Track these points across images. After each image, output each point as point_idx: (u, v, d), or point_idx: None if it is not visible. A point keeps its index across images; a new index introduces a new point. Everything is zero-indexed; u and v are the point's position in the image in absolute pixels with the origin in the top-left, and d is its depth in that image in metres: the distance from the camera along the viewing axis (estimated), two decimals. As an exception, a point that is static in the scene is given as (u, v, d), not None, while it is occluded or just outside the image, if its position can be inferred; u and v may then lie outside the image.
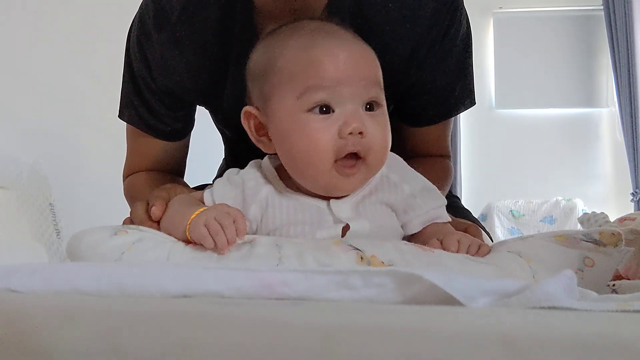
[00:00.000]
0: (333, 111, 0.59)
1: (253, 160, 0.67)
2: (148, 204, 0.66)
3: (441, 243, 0.59)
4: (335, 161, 0.59)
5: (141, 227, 0.60)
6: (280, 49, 0.62)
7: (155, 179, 0.88)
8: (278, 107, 0.61)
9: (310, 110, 0.59)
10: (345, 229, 0.61)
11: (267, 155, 0.67)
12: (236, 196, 0.63)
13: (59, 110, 1.76)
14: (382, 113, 0.62)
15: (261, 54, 0.65)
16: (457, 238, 0.59)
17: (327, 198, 0.63)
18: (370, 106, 0.61)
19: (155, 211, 0.63)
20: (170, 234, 0.60)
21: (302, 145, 0.59)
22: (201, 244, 0.55)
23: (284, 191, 0.63)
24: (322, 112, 0.59)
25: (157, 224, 0.63)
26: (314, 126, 0.59)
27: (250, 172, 0.65)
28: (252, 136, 0.66)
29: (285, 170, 0.64)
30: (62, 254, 1.43)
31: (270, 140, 0.64)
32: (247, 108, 0.65)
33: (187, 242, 0.57)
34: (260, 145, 0.66)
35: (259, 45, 0.67)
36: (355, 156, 0.59)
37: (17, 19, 1.63)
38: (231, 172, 0.68)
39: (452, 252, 0.58)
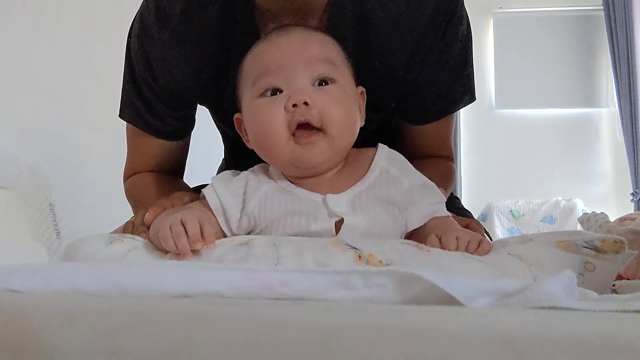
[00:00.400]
0: (282, 92, 0.64)
1: (259, 164, 0.70)
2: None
3: (440, 240, 0.59)
4: (293, 135, 0.63)
5: (137, 237, 0.61)
6: (249, 52, 0.69)
7: (157, 181, 0.88)
8: (243, 103, 0.69)
9: (261, 95, 0.65)
10: (340, 223, 0.61)
11: None
12: (239, 187, 0.65)
13: (59, 110, 1.76)
14: (338, 87, 0.65)
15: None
16: (456, 235, 0.59)
17: (324, 193, 0.63)
18: (322, 82, 0.64)
19: (147, 217, 0.64)
20: (152, 242, 0.60)
21: (259, 127, 0.65)
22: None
23: (285, 187, 0.65)
24: (273, 94, 0.64)
25: None
26: (265, 107, 0.64)
27: (254, 172, 0.68)
28: (244, 139, 0.71)
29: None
30: (62, 254, 1.43)
31: None
32: (235, 115, 0.72)
33: None
34: (248, 145, 0.70)
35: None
36: (311, 127, 0.62)
37: (17, 19, 1.63)
38: (228, 174, 0.69)
39: (450, 249, 0.58)
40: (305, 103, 0.61)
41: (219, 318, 0.30)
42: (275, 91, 0.64)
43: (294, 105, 0.62)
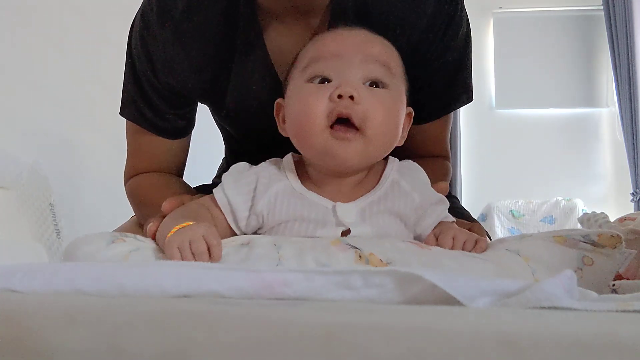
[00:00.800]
0: (330, 82, 0.62)
1: (272, 159, 0.69)
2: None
3: (437, 239, 0.60)
4: (332, 126, 0.61)
5: (138, 237, 0.60)
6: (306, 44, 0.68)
7: (160, 181, 0.87)
8: (289, 86, 0.67)
9: (310, 80, 0.63)
10: (347, 232, 0.61)
11: (290, 153, 0.69)
12: (248, 192, 0.64)
13: (59, 110, 1.76)
14: (387, 93, 0.63)
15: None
16: (452, 234, 0.60)
17: (334, 199, 0.63)
18: (374, 84, 0.63)
19: (165, 206, 0.65)
20: (160, 247, 0.59)
21: (298, 110, 0.63)
22: None
23: (297, 188, 0.64)
24: (321, 82, 0.63)
25: None
26: (309, 92, 0.62)
27: (266, 169, 0.66)
28: (278, 125, 0.70)
29: (303, 167, 0.66)
30: (62, 254, 1.43)
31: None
32: (277, 100, 0.70)
33: None
34: (282, 132, 0.69)
35: None
36: (351, 125, 0.61)
37: (16, 20, 1.63)
38: (241, 167, 0.68)
39: (447, 247, 0.58)
40: (352, 97, 0.60)
41: (219, 318, 0.30)
42: (324, 80, 0.63)
43: (340, 97, 0.60)
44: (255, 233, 0.64)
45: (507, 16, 3.82)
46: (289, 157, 0.68)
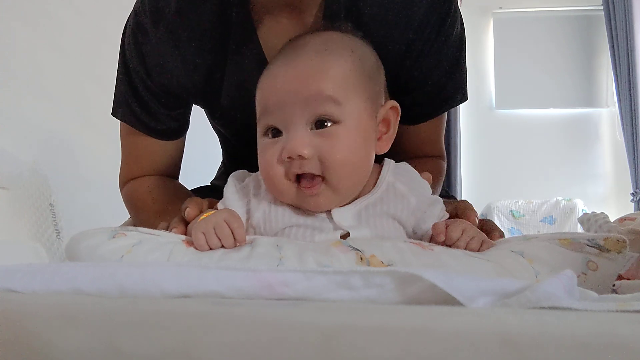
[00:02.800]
0: (282, 134, 0.61)
1: None
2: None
3: (446, 227, 0.59)
4: (298, 181, 0.60)
5: (140, 229, 0.59)
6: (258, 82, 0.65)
7: (159, 185, 0.86)
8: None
9: (264, 134, 0.63)
10: (346, 235, 0.61)
11: None
12: (244, 205, 0.64)
13: (59, 110, 1.76)
14: (340, 129, 0.59)
15: None
16: (462, 228, 0.58)
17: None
18: (321, 123, 0.59)
19: (189, 212, 0.64)
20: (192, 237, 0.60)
21: (261, 168, 0.62)
22: None
23: None
24: (274, 135, 0.61)
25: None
26: (265, 150, 0.62)
27: (256, 180, 0.66)
28: None
29: None
30: (62, 254, 1.43)
31: None
32: None
33: (189, 243, 0.57)
34: None
35: None
36: (313, 175, 0.59)
37: (16, 19, 1.63)
38: (237, 176, 0.68)
39: (453, 238, 0.58)
40: (301, 156, 0.58)
41: (218, 318, 0.30)
42: (276, 132, 0.61)
43: (290, 157, 0.59)
44: None
45: (507, 16, 3.82)
46: None
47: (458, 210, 0.67)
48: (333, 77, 0.60)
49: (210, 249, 0.55)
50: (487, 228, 0.67)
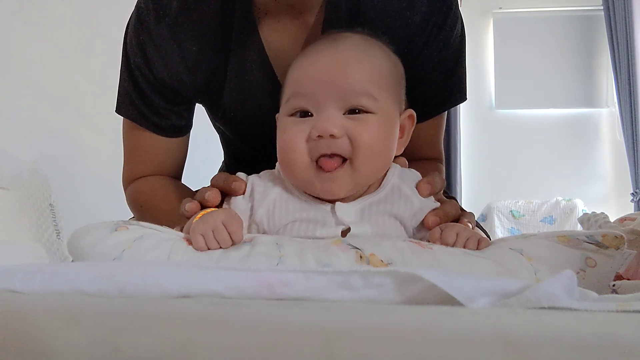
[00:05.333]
0: (311, 116, 0.61)
1: (265, 171, 0.69)
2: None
3: (441, 233, 0.60)
4: (316, 161, 0.60)
5: (142, 223, 0.59)
6: (292, 64, 0.66)
7: (163, 185, 0.86)
8: (279, 112, 0.67)
9: (291, 114, 0.63)
10: (347, 232, 0.61)
11: None
12: (247, 204, 0.64)
13: (58, 110, 1.76)
14: (373, 118, 0.61)
15: None
16: (457, 231, 0.60)
17: (333, 202, 0.63)
18: (354, 111, 0.61)
19: (189, 207, 0.63)
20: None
21: (282, 146, 0.63)
22: None
23: (293, 190, 0.64)
24: (302, 116, 0.62)
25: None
26: (290, 128, 0.62)
27: (260, 179, 0.67)
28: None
29: None
30: (62, 254, 1.43)
31: None
32: (277, 115, 0.69)
33: (189, 241, 0.57)
34: None
35: None
36: (339, 157, 0.60)
37: (17, 18, 1.63)
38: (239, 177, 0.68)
39: (448, 243, 0.58)
40: (332, 135, 0.59)
41: (219, 318, 0.30)
42: (305, 113, 0.62)
43: (319, 136, 0.59)
44: None
45: (507, 16, 3.82)
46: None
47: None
48: (373, 73, 0.63)
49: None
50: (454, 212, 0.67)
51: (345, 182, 0.61)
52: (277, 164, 0.68)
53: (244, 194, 0.65)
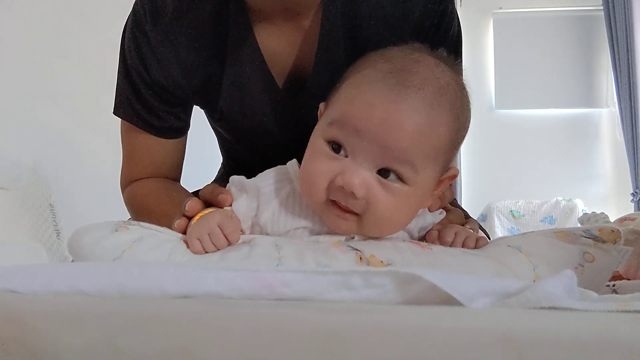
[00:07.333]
0: (347, 156, 0.57)
1: (273, 167, 0.67)
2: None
3: (439, 233, 0.61)
4: (332, 199, 0.57)
5: (142, 223, 0.60)
6: (359, 70, 0.60)
7: (161, 187, 0.85)
8: (319, 122, 0.62)
9: (328, 141, 0.58)
10: (351, 237, 0.61)
11: (294, 160, 0.67)
12: (250, 203, 0.63)
13: (59, 111, 1.76)
14: (401, 191, 0.56)
15: (356, 63, 0.63)
16: (455, 231, 0.60)
17: None
18: (388, 173, 0.56)
19: (189, 206, 0.62)
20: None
21: (306, 170, 0.59)
22: None
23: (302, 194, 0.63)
24: (334, 149, 0.57)
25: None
26: (320, 161, 0.58)
27: (267, 178, 0.65)
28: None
29: None
30: (62, 254, 1.44)
31: None
32: (322, 104, 0.65)
33: None
34: None
35: (370, 53, 0.64)
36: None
37: (17, 19, 1.63)
38: (240, 179, 0.67)
39: (447, 241, 0.59)
40: (353, 193, 0.55)
41: (218, 319, 0.30)
42: (342, 149, 0.57)
43: (341, 187, 0.55)
44: None
45: (507, 16, 3.82)
46: (293, 163, 0.67)
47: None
48: (427, 145, 0.56)
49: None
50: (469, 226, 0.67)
51: (352, 229, 0.59)
52: (289, 162, 0.67)
53: (230, 206, 0.63)
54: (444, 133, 0.57)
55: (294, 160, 0.67)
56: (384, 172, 0.56)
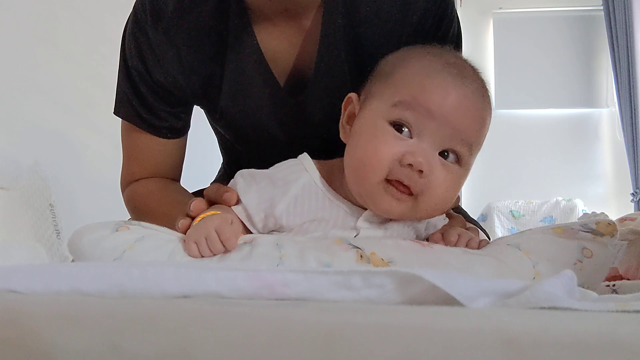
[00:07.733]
0: (411, 137, 0.59)
1: (287, 160, 0.67)
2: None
3: (442, 235, 0.62)
4: (389, 180, 0.59)
5: (143, 223, 0.59)
6: (413, 61, 0.63)
7: (161, 188, 0.85)
8: (372, 106, 0.63)
9: (392, 122, 0.60)
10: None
11: (305, 154, 0.67)
12: (262, 195, 0.63)
13: (58, 111, 1.76)
14: (458, 171, 0.61)
15: (398, 56, 0.67)
16: (458, 232, 0.61)
17: (357, 203, 0.63)
18: (447, 154, 0.60)
19: (193, 207, 0.62)
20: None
21: (366, 151, 0.60)
22: None
23: (321, 185, 0.64)
24: (400, 131, 0.59)
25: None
26: (385, 137, 0.59)
27: (281, 169, 0.65)
28: (342, 118, 0.68)
29: (328, 166, 0.66)
30: (62, 254, 1.43)
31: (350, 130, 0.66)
32: (352, 94, 0.68)
33: None
34: (341, 130, 0.67)
35: (405, 48, 0.68)
36: (407, 188, 0.59)
37: (18, 19, 1.63)
38: (251, 171, 0.67)
39: (451, 242, 0.60)
40: (420, 171, 0.58)
41: (219, 318, 0.30)
42: (400, 128, 0.60)
43: (410, 165, 0.58)
44: (272, 232, 0.64)
45: (507, 16, 3.82)
46: (306, 156, 0.67)
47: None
48: (483, 130, 0.63)
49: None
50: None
51: (404, 210, 0.60)
52: (300, 156, 0.67)
53: (236, 204, 0.63)
54: (489, 122, 0.64)
55: (305, 153, 0.67)
56: (443, 154, 0.60)
